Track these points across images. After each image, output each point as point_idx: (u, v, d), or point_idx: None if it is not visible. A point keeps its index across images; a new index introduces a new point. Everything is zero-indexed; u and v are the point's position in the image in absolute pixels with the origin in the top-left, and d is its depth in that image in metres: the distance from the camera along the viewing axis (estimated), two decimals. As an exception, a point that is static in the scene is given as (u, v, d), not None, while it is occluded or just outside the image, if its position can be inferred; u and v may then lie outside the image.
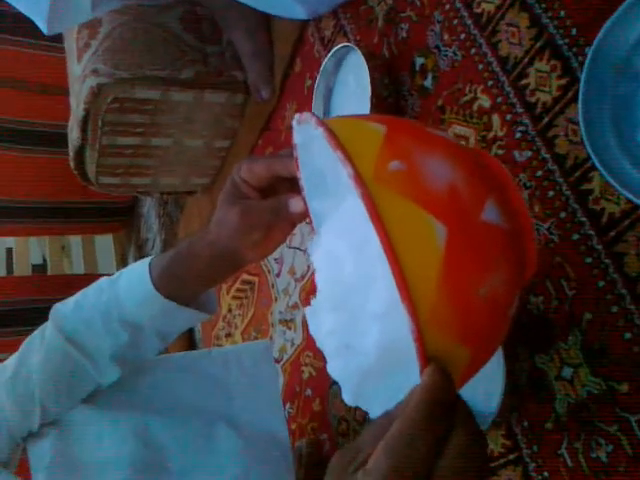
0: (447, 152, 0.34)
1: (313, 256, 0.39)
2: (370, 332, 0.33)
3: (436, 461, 0.30)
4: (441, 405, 0.30)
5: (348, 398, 0.36)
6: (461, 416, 0.31)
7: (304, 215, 0.46)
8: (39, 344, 0.61)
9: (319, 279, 0.38)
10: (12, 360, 0.63)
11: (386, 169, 0.31)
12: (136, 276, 0.58)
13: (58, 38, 1.24)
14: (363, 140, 0.33)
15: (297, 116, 0.38)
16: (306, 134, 0.40)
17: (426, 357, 0.30)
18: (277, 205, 0.47)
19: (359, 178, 0.30)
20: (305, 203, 0.46)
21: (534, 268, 0.37)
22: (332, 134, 0.33)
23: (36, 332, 0.63)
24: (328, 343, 0.37)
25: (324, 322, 0.37)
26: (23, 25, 1.09)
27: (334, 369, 0.37)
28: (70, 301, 0.62)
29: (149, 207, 1.85)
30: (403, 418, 0.30)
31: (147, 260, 0.59)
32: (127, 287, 0.58)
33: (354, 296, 0.34)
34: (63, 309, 0.62)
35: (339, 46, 0.78)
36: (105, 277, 0.62)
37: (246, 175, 0.48)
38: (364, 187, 0.30)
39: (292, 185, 0.46)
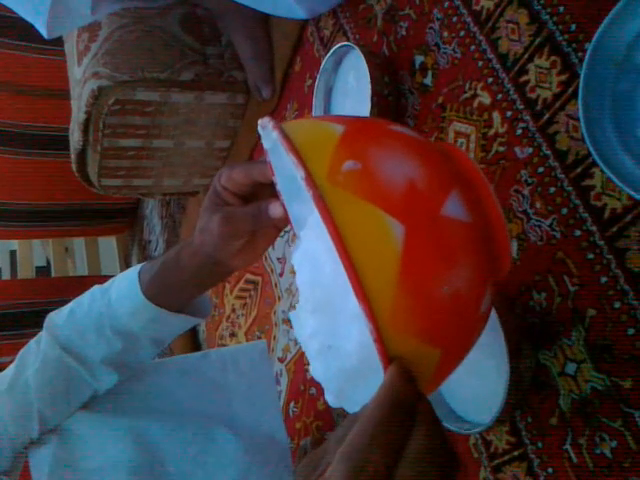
0: (407, 149, 0.34)
1: (293, 259, 0.39)
2: (351, 332, 0.33)
3: (396, 465, 0.28)
4: (400, 407, 0.30)
5: (331, 399, 0.36)
6: (423, 417, 0.30)
7: (285, 220, 0.46)
8: (35, 353, 0.62)
9: (300, 281, 0.38)
10: (9, 371, 0.63)
11: (340, 170, 0.31)
12: (126, 285, 0.58)
13: (58, 42, 1.25)
14: (318, 142, 0.33)
15: (260, 121, 0.38)
16: (271, 139, 0.39)
17: (388, 358, 0.29)
18: (257, 211, 0.47)
19: (311, 180, 0.30)
20: (285, 208, 0.45)
21: (508, 262, 0.36)
22: (286, 137, 0.32)
23: (32, 342, 0.63)
24: (310, 345, 0.37)
25: (306, 324, 0.37)
26: (23, 29, 1.09)
27: (317, 371, 0.37)
28: (64, 310, 0.62)
29: (152, 208, 1.85)
30: (362, 421, 0.29)
31: (137, 268, 0.59)
32: (118, 296, 0.59)
33: (334, 297, 0.34)
34: (57, 319, 0.62)
35: (339, 45, 0.78)
36: (97, 285, 0.62)
37: (226, 182, 0.48)
38: (315, 189, 0.30)
39: (273, 190, 0.46)
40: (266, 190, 0.48)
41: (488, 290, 0.34)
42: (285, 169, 0.42)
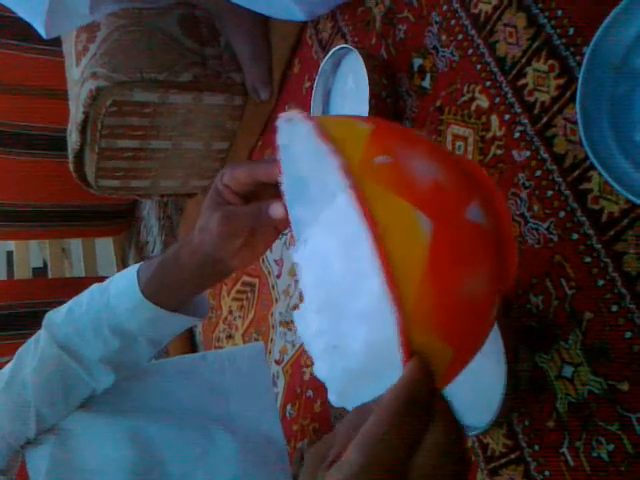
0: (432, 152, 0.34)
1: (299, 258, 0.39)
2: (357, 332, 0.33)
3: (412, 457, 0.29)
4: (419, 400, 0.30)
5: (334, 399, 0.36)
6: (440, 412, 0.30)
7: (285, 222, 0.46)
8: (33, 352, 0.62)
9: (306, 281, 0.38)
10: (6, 369, 0.63)
11: (373, 163, 0.31)
12: (125, 284, 0.58)
13: (57, 42, 1.24)
14: (350, 135, 0.33)
15: (284, 115, 0.38)
16: (292, 134, 0.39)
17: (409, 350, 0.30)
18: (257, 211, 0.47)
19: (348, 169, 0.30)
20: (286, 209, 0.45)
21: (514, 275, 0.37)
22: (321, 127, 0.33)
23: (30, 340, 0.63)
24: (315, 344, 0.37)
25: (311, 324, 0.37)
26: (22, 29, 1.09)
27: (321, 370, 0.37)
28: (62, 309, 0.62)
29: (149, 210, 1.85)
30: (379, 411, 0.29)
31: (136, 267, 0.59)
32: (116, 295, 0.59)
33: (341, 296, 0.34)
34: (55, 317, 0.62)
35: (337, 47, 0.78)
36: (96, 284, 0.62)
37: (228, 181, 0.48)
38: (353, 178, 0.30)
39: (275, 191, 0.46)
40: (268, 191, 0.47)
41: (497, 298, 0.34)
42: (295, 169, 0.42)
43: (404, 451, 0.29)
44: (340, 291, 0.34)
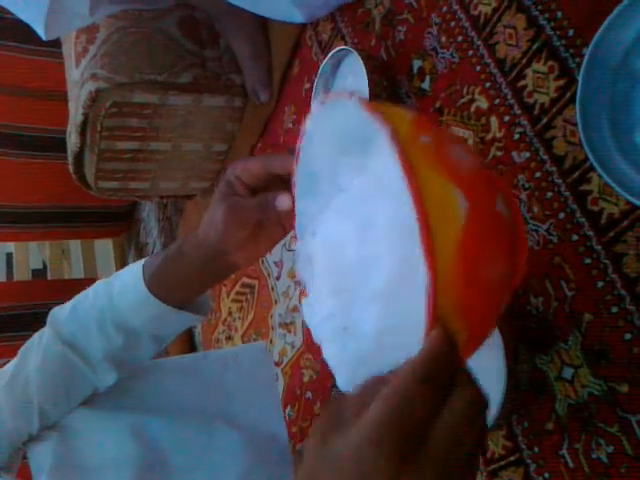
0: (465, 145, 0.36)
1: (309, 249, 0.39)
2: (369, 315, 0.33)
3: (433, 422, 0.29)
4: (444, 366, 0.30)
5: (342, 383, 0.36)
6: (464, 381, 0.31)
7: (292, 217, 0.45)
8: (37, 348, 0.62)
9: (317, 269, 0.38)
10: (10, 365, 0.63)
11: (417, 141, 0.32)
12: (130, 279, 0.58)
13: (56, 43, 1.25)
14: (395, 117, 0.34)
15: (322, 97, 0.38)
16: (322, 118, 0.39)
17: (435, 317, 0.30)
18: (264, 202, 0.47)
19: (396, 136, 0.31)
20: (293, 202, 0.45)
21: (522, 275, 0.37)
22: (366, 101, 0.34)
23: (34, 336, 0.63)
24: (325, 328, 0.37)
25: (322, 308, 0.37)
26: (21, 31, 1.09)
27: (330, 353, 0.37)
28: (67, 305, 0.62)
29: (149, 211, 1.85)
30: (404, 374, 0.29)
31: (141, 262, 0.59)
32: (121, 290, 0.59)
33: (354, 279, 0.35)
34: (60, 313, 0.62)
35: (337, 49, 0.78)
36: (101, 280, 0.62)
37: (241, 172, 0.48)
38: (400, 144, 0.31)
39: (285, 187, 0.46)
40: (278, 186, 0.47)
41: (507, 295, 0.35)
42: (311, 160, 0.41)
43: (427, 414, 0.29)
44: (352, 275, 0.35)
